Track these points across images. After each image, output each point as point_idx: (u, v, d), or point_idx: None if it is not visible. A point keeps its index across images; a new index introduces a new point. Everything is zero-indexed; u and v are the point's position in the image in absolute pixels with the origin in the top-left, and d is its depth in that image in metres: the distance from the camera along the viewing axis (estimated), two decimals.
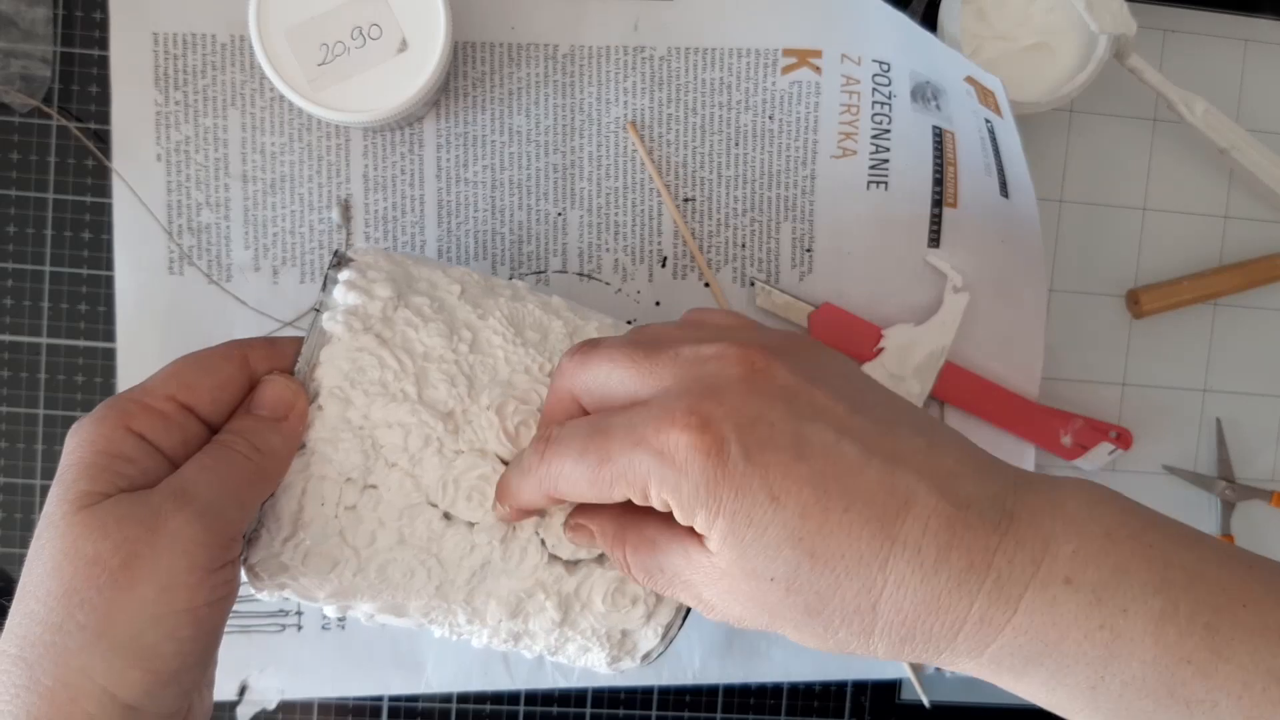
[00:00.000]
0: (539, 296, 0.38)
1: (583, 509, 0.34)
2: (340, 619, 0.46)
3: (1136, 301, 0.50)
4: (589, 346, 0.32)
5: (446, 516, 0.34)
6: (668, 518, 0.30)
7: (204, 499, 0.30)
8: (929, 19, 0.47)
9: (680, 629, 0.37)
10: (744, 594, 0.29)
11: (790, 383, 0.29)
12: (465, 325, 0.35)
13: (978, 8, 0.46)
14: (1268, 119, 0.51)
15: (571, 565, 0.35)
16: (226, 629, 0.32)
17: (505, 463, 0.34)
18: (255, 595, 0.34)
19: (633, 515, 0.32)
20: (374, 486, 0.33)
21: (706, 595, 0.30)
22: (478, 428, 0.34)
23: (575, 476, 0.30)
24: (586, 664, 0.37)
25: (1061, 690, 0.28)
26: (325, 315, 0.34)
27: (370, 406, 0.33)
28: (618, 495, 0.30)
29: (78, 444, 0.30)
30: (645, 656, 0.37)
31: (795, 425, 0.28)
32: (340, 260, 0.35)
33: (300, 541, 0.33)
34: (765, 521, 0.27)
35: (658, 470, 0.28)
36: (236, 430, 0.32)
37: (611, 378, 0.31)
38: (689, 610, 0.37)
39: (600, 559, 0.36)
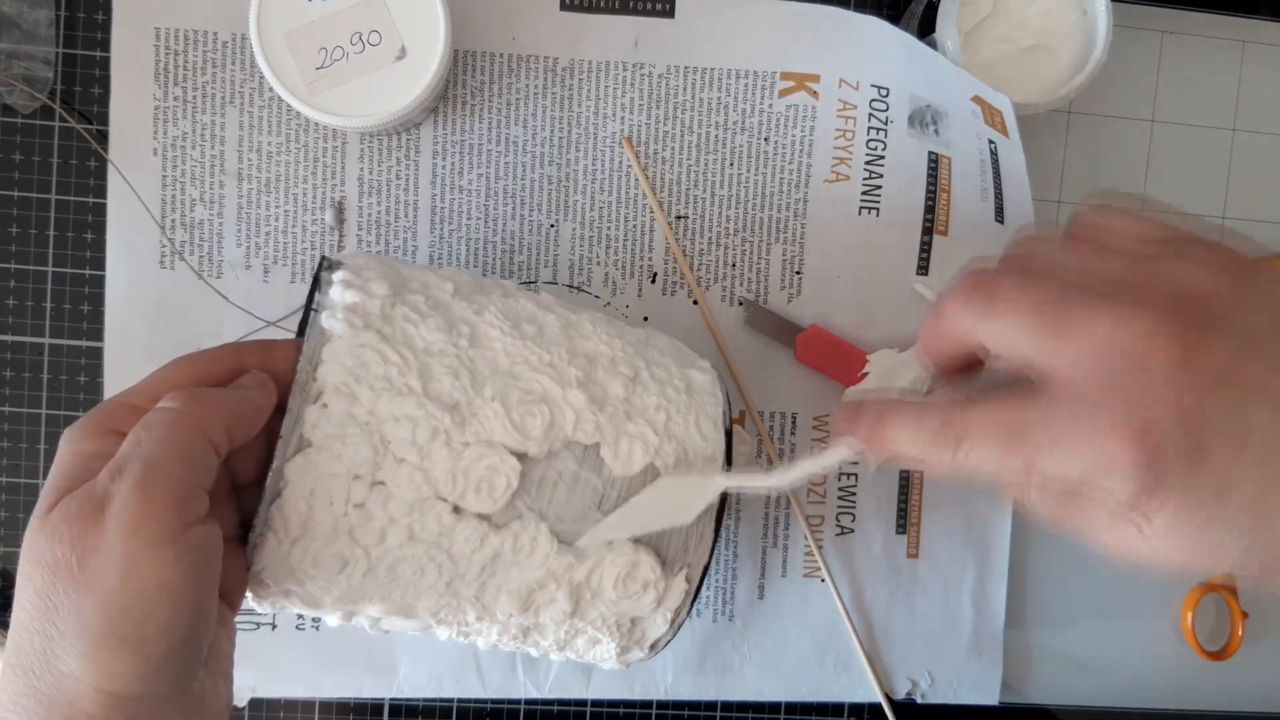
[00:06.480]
0: (528, 294, 0.38)
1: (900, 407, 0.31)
2: (315, 622, 0.47)
3: None
4: (985, 290, 0.29)
5: (456, 510, 0.34)
6: None
7: (138, 465, 0.29)
8: (927, 21, 0.47)
9: (688, 615, 0.37)
10: (1171, 547, 0.27)
11: (1226, 361, 0.27)
12: (463, 320, 0.35)
13: (975, 10, 0.46)
14: (1265, 120, 0.51)
15: (581, 553, 0.35)
16: None
17: (513, 453, 0.34)
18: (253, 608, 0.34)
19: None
20: (382, 483, 0.33)
21: (1110, 538, 0.28)
22: (484, 419, 0.34)
23: (989, 457, 0.28)
24: (595, 658, 0.37)
25: None
26: (325, 314, 0.34)
27: (376, 401, 0.33)
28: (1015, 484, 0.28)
29: (62, 449, 0.30)
30: (653, 646, 0.37)
31: (1235, 415, 0.26)
32: (330, 264, 0.35)
33: (309, 543, 0.33)
34: (1213, 515, 0.26)
35: (1093, 469, 0.26)
36: (173, 398, 0.31)
37: (1009, 339, 0.29)
38: (696, 596, 0.37)
39: (609, 544, 0.35)
